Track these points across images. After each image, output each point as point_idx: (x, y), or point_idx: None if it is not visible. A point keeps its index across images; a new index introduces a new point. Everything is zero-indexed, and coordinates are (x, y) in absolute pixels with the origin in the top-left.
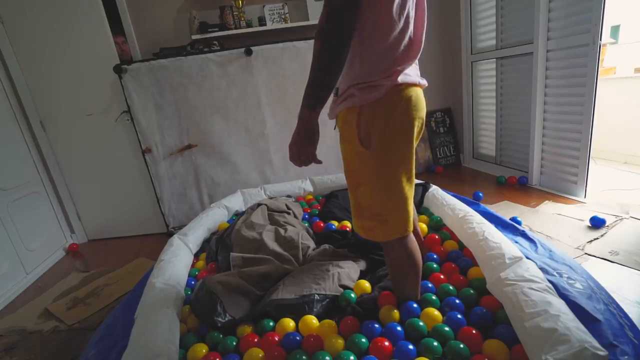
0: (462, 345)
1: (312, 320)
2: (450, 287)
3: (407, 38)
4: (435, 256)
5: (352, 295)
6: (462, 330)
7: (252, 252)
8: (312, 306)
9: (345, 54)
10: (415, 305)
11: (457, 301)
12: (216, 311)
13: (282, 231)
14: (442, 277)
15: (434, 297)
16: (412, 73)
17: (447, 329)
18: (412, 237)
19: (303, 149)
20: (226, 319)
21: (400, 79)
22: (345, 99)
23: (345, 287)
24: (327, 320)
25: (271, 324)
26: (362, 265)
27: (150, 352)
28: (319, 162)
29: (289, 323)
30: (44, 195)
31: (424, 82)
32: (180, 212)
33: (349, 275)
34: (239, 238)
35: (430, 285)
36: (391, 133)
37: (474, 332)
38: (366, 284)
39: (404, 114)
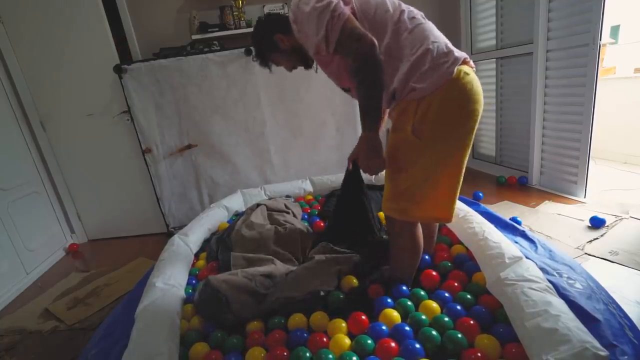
0: (459, 335)
1: (324, 316)
2: (446, 294)
3: (416, 21)
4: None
5: (341, 296)
6: (460, 320)
7: (253, 252)
8: (318, 302)
9: (379, 78)
10: (404, 287)
11: (446, 294)
12: (224, 309)
13: (281, 230)
14: (434, 273)
15: (422, 292)
16: (449, 43)
17: (446, 319)
18: (421, 231)
19: (373, 161)
20: (234, 316)
21: (449, 60)
22: (407, 94)
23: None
24: (338, 320)
25: (282, 320)
26: (358, 260)
27: (151, 351)
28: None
29: (302, 319)
30: (44, 195)
31: (467, 56)
32: (180, 212)
33: (348, 271)
34: (239, 238)
35: (423, 293)
36: (443, 125)
37: (471, 322)
38: (354, 280)
39: (457, 107)
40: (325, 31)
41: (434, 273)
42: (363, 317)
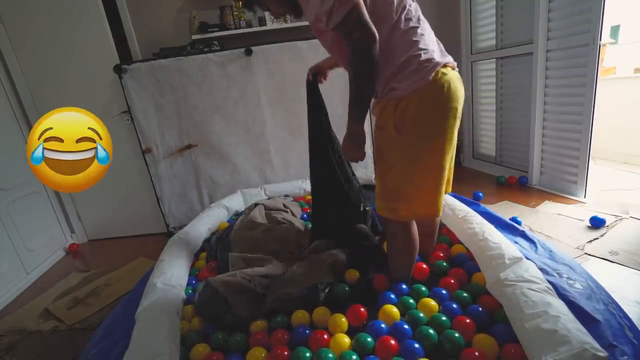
0: (457, 334)
1: (326, 311)
2: (443, 292)
3: (411, 24)
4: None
5: (347, 288)
6: (456, 319)
7: (251, 251)
8: (318, 296)
9: (375, 72)
10: (404, 286)
11: (443, 291)
12: (224, 310)
13: (279, 229)
14: (424, 266)
15: (423, 288)
16: (435, 50)
17: (444, 318)
18: (415, 228)
19: (356, 152)
20: (235, 316)
21: (430, 66)
22: (387, 93)
23: (340, 274)
24: (338, 315)
25: (285, 319)
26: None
27: (152, 352)
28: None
29: (304, 315)
30: (44, 195)
31: (450, 59)
32: (180, 212)
33: (342, 263)
34: (238, 238)
35: (424, 289)
36: (422, 123)
37: (468, 321)
38: (356, 273)
39: (435, 106)
40: (330, 7)
41: (424, 266)
42: (362, 309)
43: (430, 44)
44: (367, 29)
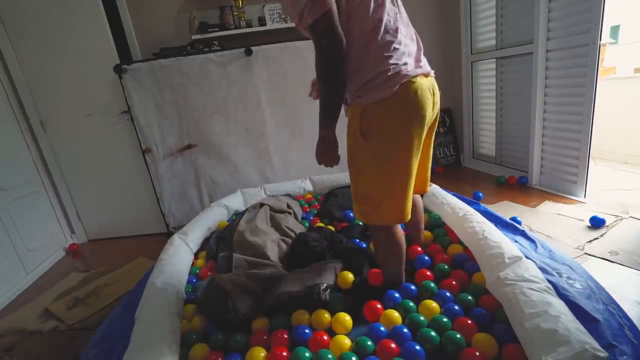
0: (458, 335)
1: (325, 314)
2: (447, 294)
3: (387, 37)
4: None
5: (339, 294)
6: (458, 320)
7: (254, 256)
8: (319, 296)
9: (343, 81)
10: (413, 287)
11: (447, 293)
12: (228, 307)
13: (284, 245)
14: (427, 272)
15: (432, 284)
16: (409, 62)
17: (445, 319)
18: (399, 228)
19: (328, 156)
20: (238, 315)
21: (397, 78)
22: (355, 100)
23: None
24: (342, 314)
25: (286, 319)
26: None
27: (152, 352)
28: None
29: (304, 316)
30: (44, 195)
31: (425, 69)
32: (180, 212)
33: (342, 268)
34: (242, 242)
35: (432, 285)
36: (388, 130)
37: (469, 322)
38: (349, 275)
39: (400, 115)
40: (302, 9)
41: (428, 273)
42: (378, 305)
43: (404, 56)
44: (334, 37)
